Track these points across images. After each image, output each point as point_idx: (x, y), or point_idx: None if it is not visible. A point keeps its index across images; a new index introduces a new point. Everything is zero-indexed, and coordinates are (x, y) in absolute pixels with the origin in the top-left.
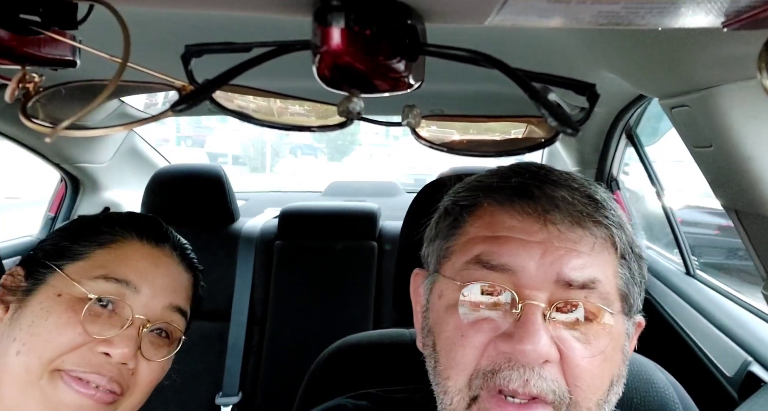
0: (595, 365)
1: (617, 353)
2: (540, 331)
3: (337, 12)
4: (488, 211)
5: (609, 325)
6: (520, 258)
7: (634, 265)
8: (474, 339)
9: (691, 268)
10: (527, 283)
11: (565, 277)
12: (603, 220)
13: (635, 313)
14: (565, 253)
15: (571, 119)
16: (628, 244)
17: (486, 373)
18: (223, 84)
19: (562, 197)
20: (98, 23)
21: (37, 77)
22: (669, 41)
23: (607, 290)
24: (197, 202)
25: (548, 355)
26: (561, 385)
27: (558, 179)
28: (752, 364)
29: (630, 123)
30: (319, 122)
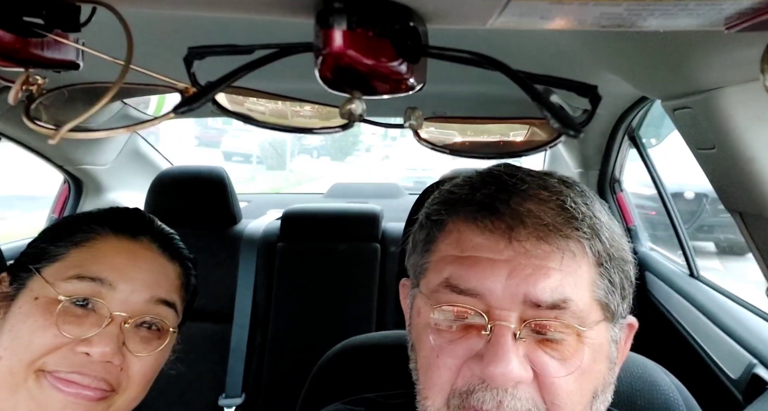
0: (571, 382)
1: (599, 363)
2: (509, 353)
3: (339, 14)
4: (456, 227)
5: (586, 339)
6: (488, 281)
7: (615, 271)
8: (448, 360)
9: (695, 270)
10: (495, 304)
11: (533, 298)
12: (572, 233)
13: (621, 316)
14: (533, 271)
15: (573, 121)
16: (605, 251)
17: (462, 393)
18: (225, 86)
19: (528, 211)
20: (101, 25)
21: (40, 79)
22: (671, 43)
23: (581, 307)
24: (200, 204)
25: (519, 377)
26: (537, 404)
27: (527, 189)
28: (757, 367)
29: (632, 125)
30: (321, 124)
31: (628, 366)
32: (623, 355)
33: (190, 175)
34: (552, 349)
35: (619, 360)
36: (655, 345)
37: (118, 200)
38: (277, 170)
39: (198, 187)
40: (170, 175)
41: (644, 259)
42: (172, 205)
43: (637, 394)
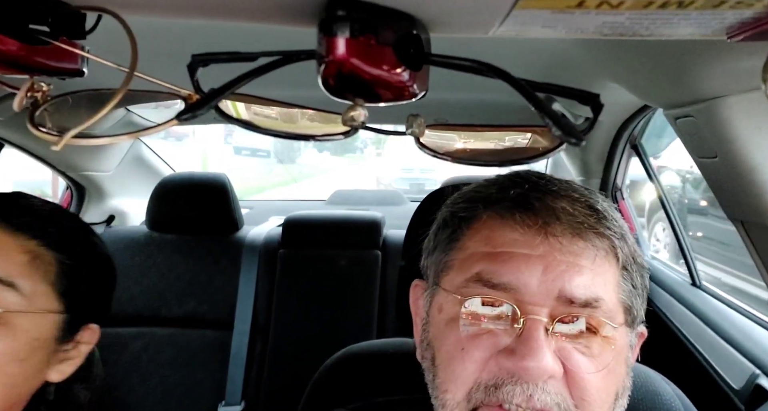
0: (599, 379)
1: (621, 366)
2: (543, 347)
3: (342, 22)
4: (487, 224)
5: (613, 338)
6: (522, 276)
7: (636, 277)
8: (474, 353)
9: (697, 279)
10: (529, 299)
11: (568, 294)
12: (605, 231)
13: (638, 323)
14: (567, 267)
15: (575, 129)
16: (630, 255)
17: (488, 386)
18: (228, 93)
19: (563, 208)
20: (106, 33)
21: (45, 86)
22: (674, 52)
23: (610, 307)
24: (201, 211)
25: (552, 371)
26: (566, 399)
27: (558, 189)
28: (760, 377)
29: (635, 133)
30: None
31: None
32: (632, 364)
33: (192, 182)
34: (582, 345)
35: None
36: (658, 354)
37: (119, 206)
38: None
39: (200, 194)
40: (172, 181)
41: None
42: (174, 211)
43: (639, 403)
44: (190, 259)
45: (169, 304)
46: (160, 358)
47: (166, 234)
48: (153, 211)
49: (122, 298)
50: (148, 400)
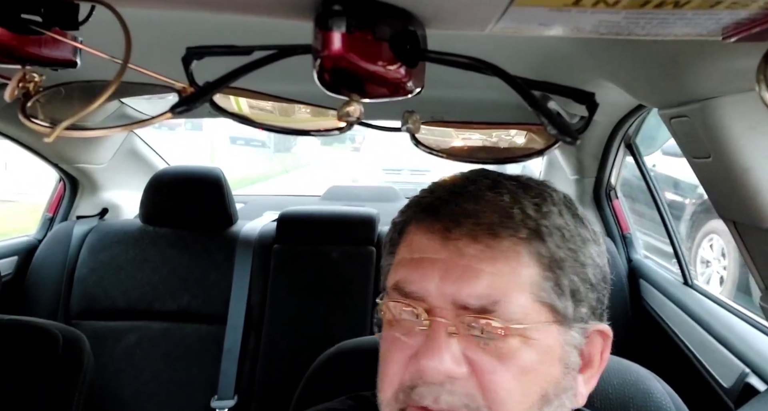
0: (511, 380)
1: (549, 366)
2: (440, 348)
3: (338, 17)
4: (411, 230)
5: (531, 338)
6: (425, 283)
7: (564, 276)
8: (396, 355)
9: (689, 278)
10: (434, 303)
11: (461, 302)
12: (505, 234)
13: (580, 321)
14: (462, 273)
15: (570, 128)
16: (551, 254)
17: (406, 388)
18: (223, 86)
19: (465, 211)
20: (99, 24)
21: (37, 77)
22: (669, 52)
23: (514, 309)
24: (196, 205)
25: (450, 372)
26: (476, 400)
27: (474, 190)
28: (750, 376)
29: (629, 133)
30: (319, 126)
31: (621, 373)
32: (602, 363)
33: (186, 176)
34: (490, 346)
35: (596, 370)
36: (649, 352)
37: (113, 199)
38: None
39: (194, 188)
40: (166, 175)
41: (638, 267)
42: (168, 205)
43: (629, 401)
44: (184, 253)
45: (163, 299)
46: (153, 352)
47: (159, 228)
48: (147, 204)
49: (115, 292)
50: (141, 394)
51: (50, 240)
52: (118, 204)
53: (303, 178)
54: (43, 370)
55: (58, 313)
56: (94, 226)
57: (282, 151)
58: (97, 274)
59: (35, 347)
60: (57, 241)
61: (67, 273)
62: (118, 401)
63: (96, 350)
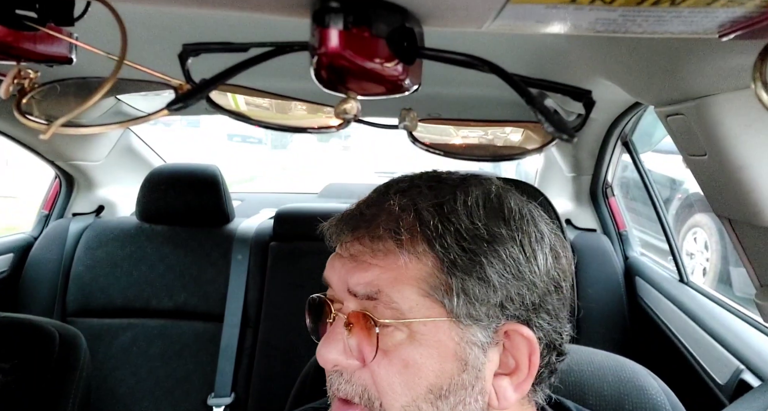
0: (392, 373)
1: (439, 361)
2: (334, 339)
3: (335, 13)
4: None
5: (416, 332)
6: (329, 272)
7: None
8: None
9: (685, 275)
10: (337, 294)
11: (351, 288)
12: (386, 235)
13: (476, 320)
14: (355, 265)
15: (567, 125)
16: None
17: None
18: (219, 83)
19: (357, 214)
20: (95, 20)
21: (32, 73)
22: (665, 50)
23: (395, 300)
24: (192, 202)
25: (335, 361)
26: (369, 390)
27: (377, 197)
28: (744, 372)
29: (626, 131)
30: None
31: (617, 370)
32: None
33: (182, 173)
34: (376, 338)
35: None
36: (645, 349)
37: (109, 197)
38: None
39: (191, 185)
40: (163, 172)
41: (634, 264)
42: (164, 202)
43: (625, 397)
44: (181, 250)
45: (159, 296)
46: (150, 349)
47: (156, 225)
48: (143, 202)
49: (111, 290)
50: (137, 391)
51: (46, 237)
52: (114, 201)
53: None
54: (39, 367)
55: (54, 310)
56: (90, 224)
57: (279, 148)
58: (94, 272)
59: (31, 345)
60: (53, 239)
61: (63, 270)
62: (114, 399)
63: (92, 348)
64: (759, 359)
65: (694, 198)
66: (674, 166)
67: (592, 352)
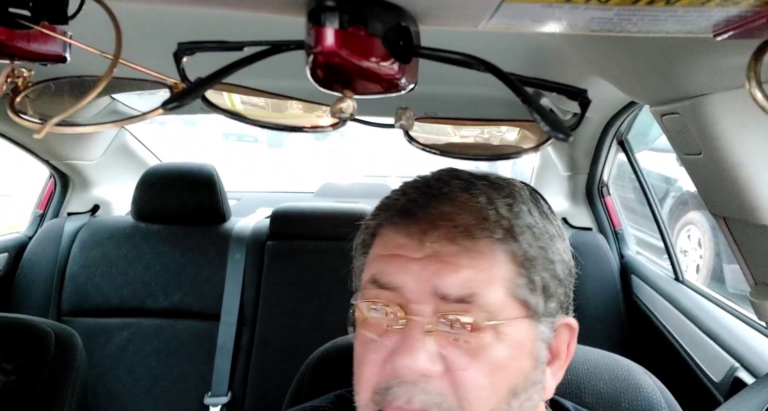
0: (482, 376)
1: (520, 360)
2: (416, 346)
3: (331, 12)
4: (385, 231)
5: (503, 333)
6: (401, 275)
7: (536, 272)
8: (371, 356)
9: (680, 274)
10: (411, 297)
11: (441, 291)
12: (481, 235)
13: (549, 315)
14: (441, 267)
15: (563, 124)
16: (523, 252)
17: (381, 389)
18: (215, 82)
19: (442, 214)
20: (90, 18)
21: (26, 72)
22: (661, 49)
23: (490, 302)
24: (188, 201)
25: (425, 370)
26: (448, 399)
27: (448, 192)
28: (739, 370)
29: (621, 130)
30: (312, 122)
31: (613, 368)
32: (567, 356)
33: (178, 172)
34: (464, 342)
35: (563, 362)
36: (640, 348)
37: (104, 196)
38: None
39: (187, 185)
40: (158, 171)
41: (630, 263)
42: (160, 202)
43: (621, 395)
44: (177, 249)
45: (155, 295)
46: (146, 349)
47: (152, 224)
48: (139, 201)
49: (107, 289)
50: (134, 390)
51: (41, 237)
52: (110, 200)
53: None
54: (35, 367)
55: (49, 310)
56: (86, 223)
57: (275, 147)
58: (89, 271)
59: (27, 345)
60: (48, 238)
61: (59, 270)
62: (111, 398)
63: (88, 347)
64: (753, 357)
65: (688, 196)
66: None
67: (588, 350)
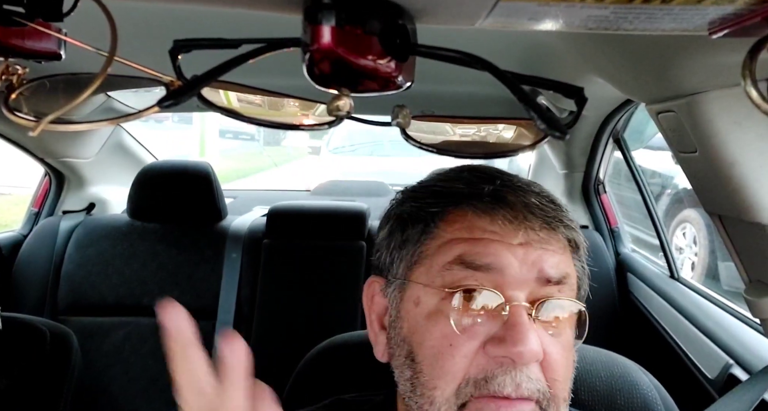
0: (564, 357)
1: (573, 345)
2: (530, 330)
3: (327, 10)
4: (465, 216)
5: (572, 315)
6: (505, 257)
7: (581, 260)
8: (463, 347)
9: (676, 271)
10: (511, 282)
11: (546, 274)
12: (569, 223)
13: (581, 303)
14: (543, 252)
15: (559, 122)
16: (579, 240)
17: (477, 380)
18: (211, 80)
19: (534, 203)
20: (85, 16)
21: (20, 69)
22: (657, 47)
23: (574, 282)
24: (185, 199)
25: (539, 355)
26: (542, 381)
27: (523, 185)
28: (733, 367)
29: (617, 128)
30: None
31: (608, 366)
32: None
33: (174, 170)
34: (551, 326)
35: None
36: (636, 345)
37: (100, 194)
38: (274, 145)
39: (183, 183)
40: (154, 169)
41: (626, 261)
42: (156, 200)
43: (617, 393)
44: (173, 248)
45: (152, 294)
46: (142, 347)
47: (148, 223)
48: (135, 199)
49: (103, 288)
50: (130, 389)
51: (36, 235)
52: (105, 199)
53: None
54: (30, 366)
55: (44, 309)
56: (81, 221)
57: (272, 145)
58: (85, 270)
59: (22, 343)
60: (43, 237)
61: (54, 268)
62: (107, 397)
63: (84, 346)
64: (748, 354)
65: (683, 193)
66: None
67: (583, 348)
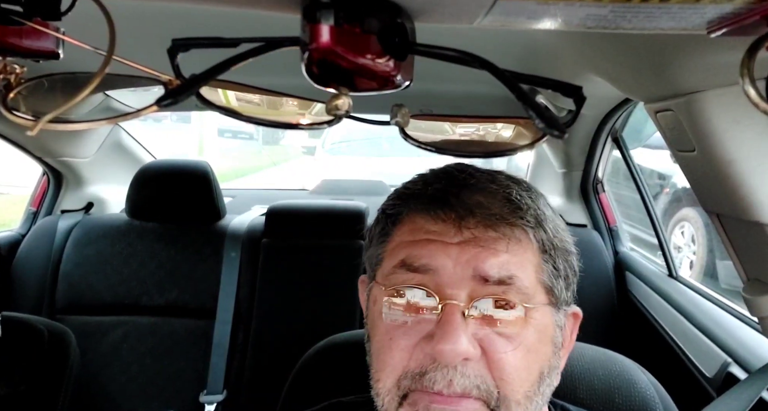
0: (518, 358)
1: (544, 345)
2: (457, 330)
3: (326, 9)
4: (411, 218)
5: (532, 318)
6: (440, 258)
7: (559, 260)
8: (401, 341)
9: (674, 270)
10: (447, 281)
11: (482, 272)
12: (517, 222)
13: (564, 304)
14: (481, 251)
15: (558, 121)
16: (549, 240)
17: (414, 374)
18: (210, 79)
19: (477, 203)
20: (83, 14)
21: (18, 68)
22: (655, 46)
23: (526, 285)
24: (183, 199)
25: (467, 353)
26: (486, 380)
27: (476, 182)
28: (731, 365)
29: (616, 127)
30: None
31: (607, 364)
32: (570, 344)
33: (173, 170)
34: (499, 325)
35: (566, 349)
36: (634, 343)
37: (98, 193)
38: (272, 145)
39: (181, 182)
40: (153, 168)
41: (625, 259)
42: (155, 199)
43: (615, 391)
44: (172, 247)
45: (150, 293)
46: (141, 347)
47: (146, 222)
48: (133, 198)
49: (101, 287)
50: (128, 389)
51: (34, 234)
52: (104, 198)
53: None
54: (28, 365)
55: (42, 308)
56: (80, 221)
57: (271, 144)
58: (83, 269)
59: (20, 342)
60: (41, 236)
61: (52, 268)
62: (105, 396)
63: (82, 345)
64: (746, 352)
65: (682, 192)
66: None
67: (582, 346)
